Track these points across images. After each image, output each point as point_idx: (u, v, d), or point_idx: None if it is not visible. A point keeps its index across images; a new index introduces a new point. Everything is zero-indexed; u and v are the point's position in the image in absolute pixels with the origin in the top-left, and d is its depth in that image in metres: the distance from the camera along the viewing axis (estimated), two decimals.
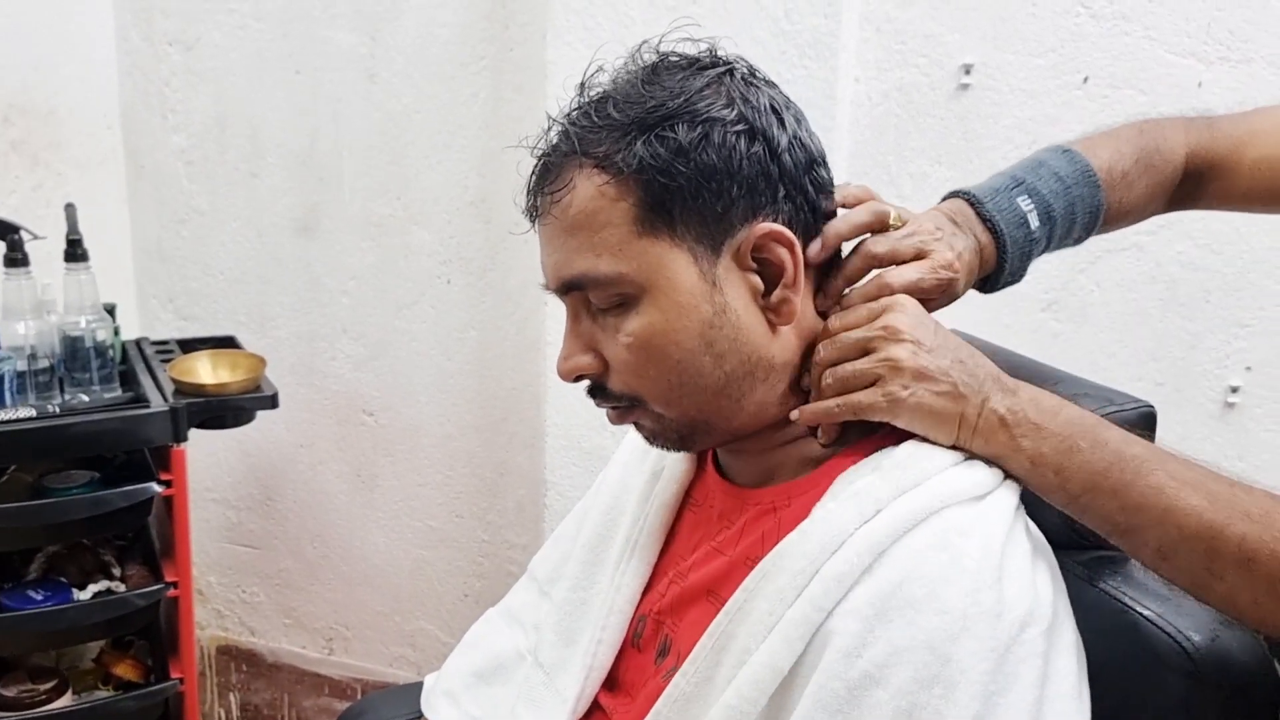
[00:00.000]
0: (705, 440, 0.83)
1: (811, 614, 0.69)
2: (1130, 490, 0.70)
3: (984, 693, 0.65)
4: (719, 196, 0.75)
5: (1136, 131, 0.95)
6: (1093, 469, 0.71)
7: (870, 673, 0.66)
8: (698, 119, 0.74)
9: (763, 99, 0.78)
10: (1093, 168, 0.89)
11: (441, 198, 1.91)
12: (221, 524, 2.23)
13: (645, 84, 0.77)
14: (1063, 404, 0.75)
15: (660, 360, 0.77)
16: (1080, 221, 0.89)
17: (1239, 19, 1.50)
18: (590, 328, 0.80)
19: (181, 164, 2.06)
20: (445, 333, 1.98)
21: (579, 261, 0.76)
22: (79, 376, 1.59)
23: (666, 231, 0.75)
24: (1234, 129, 0.96)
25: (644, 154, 0.74)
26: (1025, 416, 0.73)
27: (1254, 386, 1.62)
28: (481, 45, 1.82)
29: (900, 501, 0.70)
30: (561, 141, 0.78)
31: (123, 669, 1.71)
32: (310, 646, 2.25)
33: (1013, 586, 0.69)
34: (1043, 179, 0.87)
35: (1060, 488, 0.73)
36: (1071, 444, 0.72)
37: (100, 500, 1.55)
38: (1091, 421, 0.74)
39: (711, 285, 0.76)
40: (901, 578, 0.68)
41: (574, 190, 0.76)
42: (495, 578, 2.05)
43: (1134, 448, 0.72)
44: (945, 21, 1.58)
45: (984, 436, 0.74)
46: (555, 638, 0.95)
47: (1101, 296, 1.63)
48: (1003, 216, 0.85)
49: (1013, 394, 0.75)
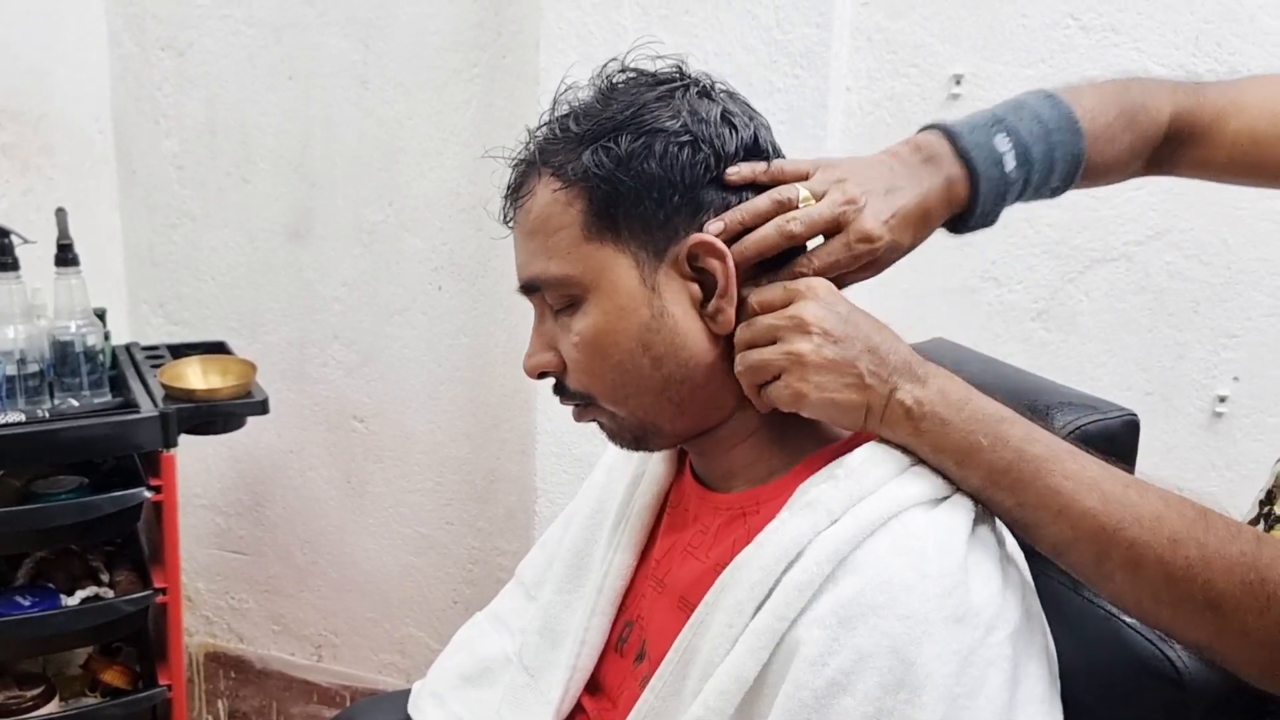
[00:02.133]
0: (657, 440, 0.84)
1: (774, 624, 0.70)
2: (1028, 489, 0.71)
3: (949, 695, 0.66)
4: (660, 205, 0.77)
5: (1123, 87, 0.92)
6: (991, 466, 0.72)
7: (837, 680, 0.67)
8: (642, 130, 0.77)
9: (714, 110, 0.79)
10: (1075, 114, 0.86)
11: (433, 204, 1.92)
12: (211, 530, 2.22)
13: (603, 99, 0.80)
14: (970, 396, 0.74)
15: (603, 359, 0.79)
16: (1059, 170, 0.86)
17: (1227, 32, 1.51)
18: (551, 327, 0.83)
19: (173, 169, 2.06)
20: (436, 339, 1.98)
21: (535, 263, 0.80)
22: (69, 381, 1.59)
23: (611, 236, 0.78)
24: (1220, 97, 0.94)
25: (589, 163, 0.77)
26: (931, 409, 0.73)
27: (1241, 397, 1.63)
28: (474, 53, 1.83)
29: (857, 509, 0.71)
30: (529, 153, 0.82)
31: (110, 675, 1.70)
32: (299, 653, 2.24)
33: (977, 590, 0.69)
34: (1023, 120, 0.85)
35: (962, 480, 0.73)
36: (974, 440, 0.72)
37: (89, 506, 1.54)
38: (996, 417, 0.73)
39: (651, 290, 0.78)
40: (864, 584, 0.68)
41: (534, 196, 0.80)
42: (485, 584, 2.05)
43: (1035, 447, 0.71)
44: (936, 32, 1.59)
45: (890, 426, 0.75)
46: (540, 640, 0.96)
47: (1090, 306, 1.64)
48: (978, 152, 0.82)
49: (921, 383, 0.74)
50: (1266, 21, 1.50)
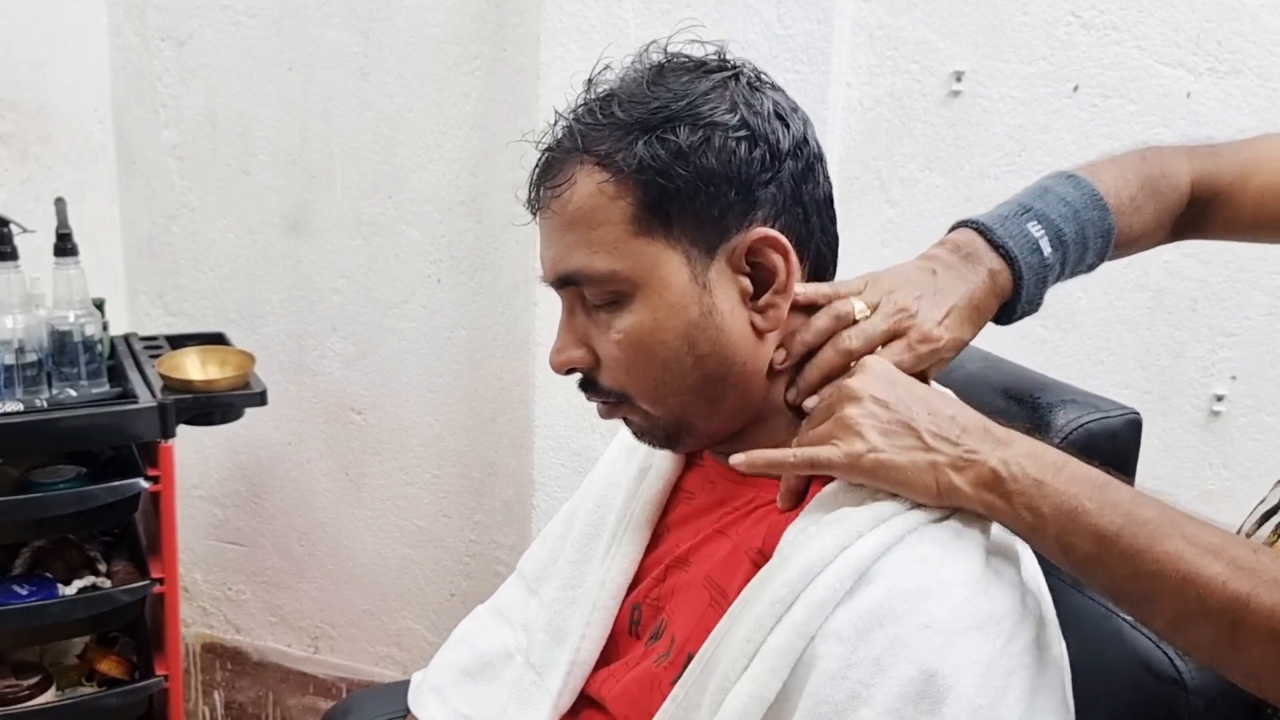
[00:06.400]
0: (689, 441, 0.83)
1: (795, 640, 0.68)
2: (1144, 557, 0.64)
3: (971, 706, 0.64)
4: (716, 200, 0.75)
5: (1139, 158, 0.93)
6: (1102, 532, 0.66)
7: (857, 692, 0.65)
8: (699, 122, 0.75)
9: (767, 104, 0.78)
10: (1099, 191, 0.87)
11: (432, 197, 1.91)
12: (208, 521, 2.22)
13: (651, 84, 0.77)
14: (1066, 460, 0.69)
15: (647, 358, 0.77)
16: (1093, 246, 0.87)
17: (1228, 30, 1.51)
18: (584, 322, 0.80)
19: (172, 160, 2.05)
20: (435, 332, 1.98)
21: (575, 257, 0.77)
22: (67, 371, 1.59)
23: (662, 232, 0.75)
24: (1237, 156, 0.95)
25: (644, 154, 0.74)
26: (1023, 470, 0.68)
27: (1239, 395, 1.63)
28: (474, 45, 1.82)
29: (881, 527, 0.69)
30: (565, 137, 0.79)
31: (107, 665, 1.70)
32: (296, 645, 2.24)
33: (997, 598, 0.68)
34: (1050, 204, 0.85)
35: (1063, 552, 0.68)
36: (1077, 504, 0.66)
37: (87, 496, 1.54)
38: (1100, 480, 0.68)
39: (702, 288, 0.76)
40: (883, 594, 0.66)
41: (574, 186, 0.77)
42: (482, 577, 2.05)
43: (1147, 510, 0.66)
44: (937, 28, 1.59)
45: (975, 495, 0.69)
46: (545, 637, 0.95)
47: (1089, 304, 1.64)
48: (1015, 242, 0.83)
49: (1005, 445, 0.70)
50: (1268, 20, 1.50)
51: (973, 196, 1.61)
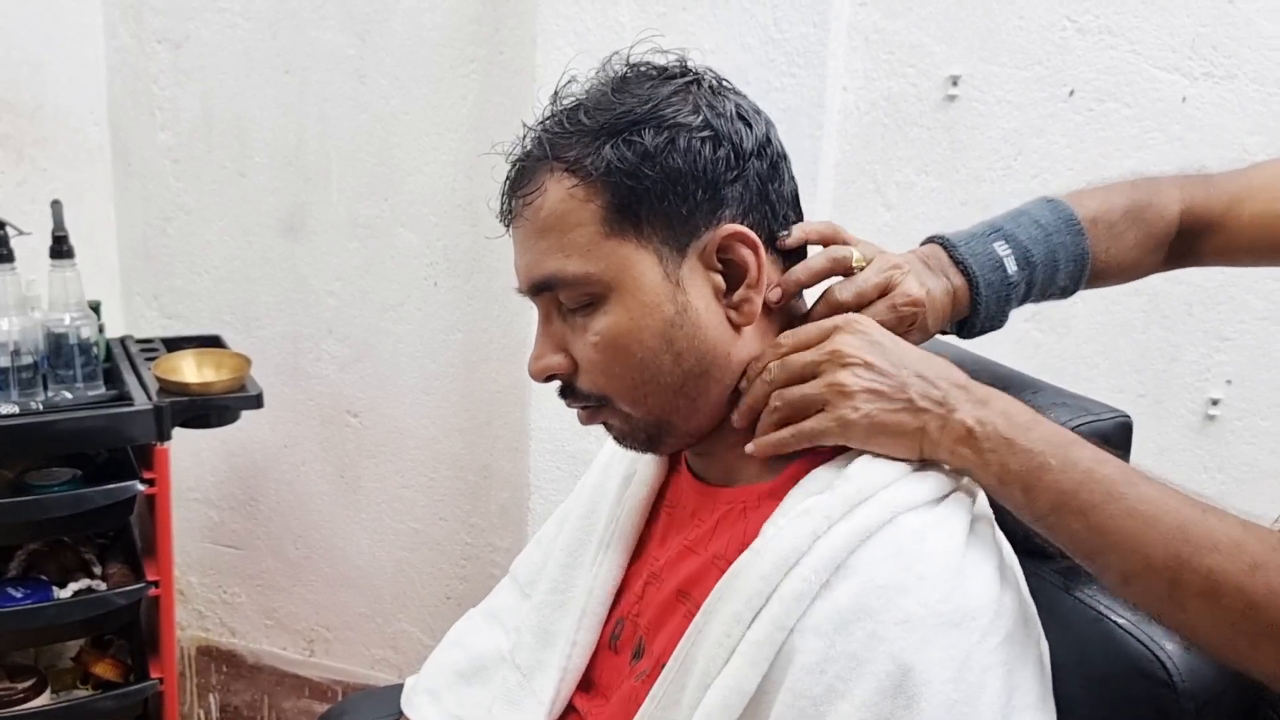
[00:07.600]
0: (670, 442, 0.84)
1: (774, 633, 0.69)
2: (1098, 512, 0.68)
3: (947, 702, 0.65)
4: (684, 200, 0.77)
5: (1130, 185, 0.95)
6: (1061, 489, 0.70)
7: (834, 686, 0.66)
8: (664, 125, 0.76)
9: (729, 106, 0.80)
10: (1076, 216, 0.89)
11: (429, 200, 1.92)
12: (204, 524, 2.22)
13: (615, 92, 0.79)
14: (1037, 419, 0.73)
15: (625, 359, 0.78)
16: (1064, 269, 0.90)
17: (1223, 35, 1.51)
18: (561, 328, 0.81)
19: (168, 162, 2.05)
20: (430, 335, 1.98)
21: (549, 262, 0.78)
22: (63, 373, 1.59)
23: (633, 233, 0.77)
24: (1230, 184, 0.96)
25: (611, 157, 0.76)
26: (995, 429, 0.72)
27: (1234, 399, 1.63)
28: (471, 48, 1.82)
29: (852, 515, 0.70)
30: (534, 147, 0.81)
31: (102, 668, 1.70)
32: (291, 648, 2.24)
33: (974, 593, 0.69)
34: (1021, 226, 0.88)
35: (1027, 505, 0.71)
36: (1041, 461, 0.70)
37: (82, 498, 1.54)
38: (1066, 439, 0.72)
39: (675, 286, 0.77)
40: (859, 589, 0.67)
41: (545, 193, 0.78)
42: (478, 580, 2.05)
43: (1106, 468, 0.70)
44: (933, 32, 1.59)
45: (949, 449, 0.73)
46: (533, 639, 0.96)
47: (1084, 308, 1.64)
48: (976, 260, 0.86)
49: (983, 404, 0.74)
50: (1263, 25, 1.50)
51: (968, 200, 1.62)
